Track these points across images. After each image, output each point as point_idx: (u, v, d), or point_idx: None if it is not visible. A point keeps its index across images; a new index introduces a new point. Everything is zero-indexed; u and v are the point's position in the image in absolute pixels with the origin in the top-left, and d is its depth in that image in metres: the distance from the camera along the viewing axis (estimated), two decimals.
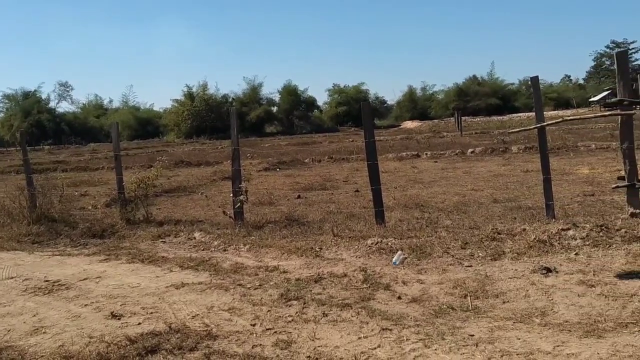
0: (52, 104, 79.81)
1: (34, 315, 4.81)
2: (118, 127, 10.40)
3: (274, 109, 71.91)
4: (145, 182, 9.30)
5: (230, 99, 70.35)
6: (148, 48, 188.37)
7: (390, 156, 19.97)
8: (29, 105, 74.55)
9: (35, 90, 77.01)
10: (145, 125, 75.63)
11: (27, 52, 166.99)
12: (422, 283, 5.10)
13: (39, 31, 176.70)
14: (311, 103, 73.09)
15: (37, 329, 4.47)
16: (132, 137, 69.54)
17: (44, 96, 78.07)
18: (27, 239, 8.41)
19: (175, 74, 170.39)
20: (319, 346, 3.82)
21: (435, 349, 3.62)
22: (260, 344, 3.91)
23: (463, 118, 41.98)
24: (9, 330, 4.45)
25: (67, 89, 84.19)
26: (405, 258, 5.81)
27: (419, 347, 3.68)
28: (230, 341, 3.99)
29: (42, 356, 3.85)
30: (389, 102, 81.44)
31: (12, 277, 6.21)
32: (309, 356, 3.66)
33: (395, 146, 24.89)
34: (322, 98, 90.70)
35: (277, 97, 72.37)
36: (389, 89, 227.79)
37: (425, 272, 5.43)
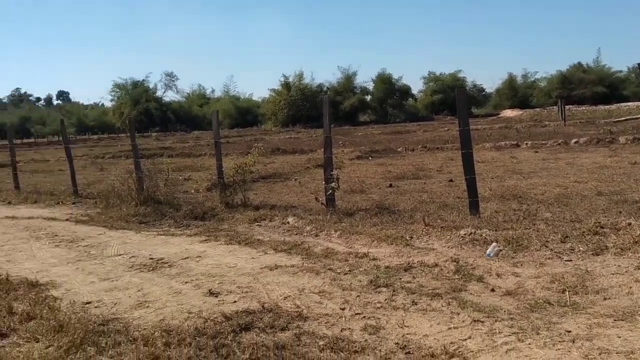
0: (159, 93, 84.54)
1: (139, 290, 5.14)
2: (218, 116, 10.82)
3: (368, 97, 71.77)
4: (243, 168, 9.64)
5: (324, 88, 70.99)
6: (247, 39, 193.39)
7: (488, 145, 19.37)
8: (137, 94, 79.23)
9: (143, 80, 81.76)
10: (244, 114, 78.21)
11: (135, 43, 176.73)
12: (517, 276, 4.95)
13: (144, 23, 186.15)
14: (405, 91, 72.23)
15: (141, 303, 4.77)
16: (232, 125, 72.04)
17: (151, 85, 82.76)
18: (135, 219, 8.96)
19: (273, 64, 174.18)
20: (407, 334, 3.82)
21: (529, 344, 3.52)
22: (349, 328, 3.97)
23: (567, 107, 39.98)
24: (115, 304, 4.79)
25: (173, 79, 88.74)
26: (500, 250, 5.66)
27: (512, 340, 3.59)
28: (320, 323, 4.08)
29: (145, 329, 4.11)
30: (487, 90, 78.88)
31: (120, 254, 6.67)
32: (397, 343, 3.68)
33: (493, 135, 24.11)
34: (417, 86, 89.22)
35: (371, 86, 72.23)
36: (487, 77, 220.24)
37: (521, 265, 5.26)
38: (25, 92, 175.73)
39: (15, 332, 4.14)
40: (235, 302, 4.63)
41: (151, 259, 6.33)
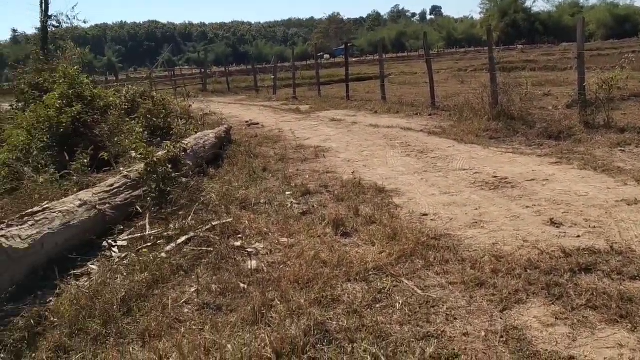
0: (528, 4, 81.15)
1: (476, 209, 4.98)
2: (583, 24, 9.50)
3: None
4: (609, 84, 8.40)
5: None
6: None
7: None
8: (506, 5, 77.77)
9: None
10: (622, 24, 69.74)
11: None
12: None
13: None
14: None
15: (476, 222, 4.61)
16: (606, 36, 65.01)
17: None
18: (485, 134, 8.73)
19: None
20: None
21: None
22: None
23: None
24: (451, 219, 4.73)
25: None
26: None
27: None
28: None
29: (475, 250, 3.95)
30: None
31: (464, 169, 6.59)
32: None
33: None
34: None
35: None
36: None
37: None
38: (403, 9, 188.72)
39: (357, 233, 4.48)
40: (578, 236, 4.09)
41: (494, 177, 6.09)
